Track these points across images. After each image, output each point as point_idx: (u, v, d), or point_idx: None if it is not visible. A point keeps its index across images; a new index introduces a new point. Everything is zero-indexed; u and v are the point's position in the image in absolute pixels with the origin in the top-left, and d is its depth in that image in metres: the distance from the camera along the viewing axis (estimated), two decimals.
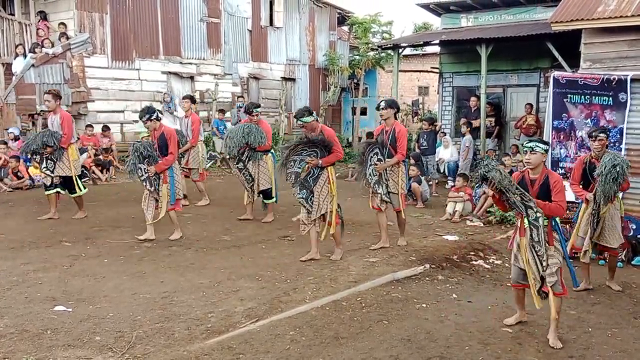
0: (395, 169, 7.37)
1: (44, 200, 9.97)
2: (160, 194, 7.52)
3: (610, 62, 9.48)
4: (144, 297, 5.55)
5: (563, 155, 9.49)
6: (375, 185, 7.32)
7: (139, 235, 7.69)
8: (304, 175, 6.64)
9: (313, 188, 6.68)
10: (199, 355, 4.34)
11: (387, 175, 7.36)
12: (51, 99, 8.54)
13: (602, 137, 6.32)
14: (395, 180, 7.38)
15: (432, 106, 24.18)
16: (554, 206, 4.77)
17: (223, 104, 16.81)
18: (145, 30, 15.37)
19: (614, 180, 6.05)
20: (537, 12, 13.77)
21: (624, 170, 6.09)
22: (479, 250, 7.58)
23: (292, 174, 6.67)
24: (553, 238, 4.85)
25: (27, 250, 7.06)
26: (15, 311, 5.09)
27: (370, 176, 7.31)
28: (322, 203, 6.71)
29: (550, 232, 4.83)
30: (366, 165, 7.33)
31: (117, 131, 14.83)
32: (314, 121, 6.76)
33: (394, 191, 7.38)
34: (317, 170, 6.67)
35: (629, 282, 6.65)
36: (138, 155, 7.42)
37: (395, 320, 5.20)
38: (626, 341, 4.96)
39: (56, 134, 8.47)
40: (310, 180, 6.67)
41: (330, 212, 6.78)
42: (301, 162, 6.63)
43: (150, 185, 7.48)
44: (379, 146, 7.32)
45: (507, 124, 14.52)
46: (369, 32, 20.65)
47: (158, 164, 7.40)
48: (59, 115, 8.59)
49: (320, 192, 6.69)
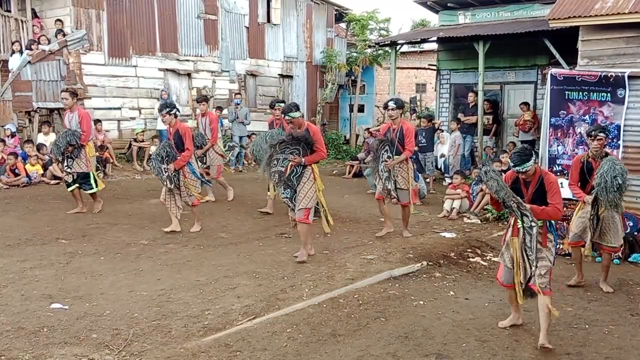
0: (403, 166, 7.68)
1: (41, 197, 9.98)
2: (181, 189, 7.83)
3: (607, 59, 9.48)
4: (140, 294, 5.54)
5: (560, 152, 9.49)
6: (386, 182, 7.61)
7: (165, 228, 7.95)
8: (287, 173, 6.51)
9: (297, 187, 6.57)
10: (195, 353, 4.34)
11: (396, 172, 7.65)
12: (68, 96, 8.74)
13: (602, 137, 6.23)
14: (404, 177, 7.69)
15: (429, 103, 24.15)
16: (551, 210, 4.72)
17: (220, 101, 16.77)
18: (142, 27, 15.31)
19: (618, 190, 6.02)
20: (535, 9, 13.77)
21: (625, 179, 6.04)
22: (476, 248, 7.59)
23: (275, 172, 6.55)
24: (547, 239, 4.81)
25: (23, 248, 7.04)
26: (12, 309, 5.07)
27: (382, 172, 7.62)
28: (305, 198, 6.55)
29: (545, 233, 4.79)
30: (379, 161, 7.63)
31: (114, 128, 14.79)
32: (300, 117, 6.71)
33: (403, 187, 7.70)
34: (300, 169, 6.56)
35: (626, 279, 6.67)
36: (160, 159, 7.69)
37: (393, 317, 5.20)
38: (623, 338, 4.97)
39: (76, 133, 8.64)
40: (293, 179, 6.54)
41: (307, 210, 6.58)
42: (284, 161, 6.51)
43: (171, 183, 7.72)
44: (389, 144, 7.61)
45: (504, 121, 14.52)
46: (366, 29, 20.62)
47: (177, 161, 7.68)
48: (77, 113, 8.75)
49: (302, 189, 6.55)
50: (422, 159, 12.18)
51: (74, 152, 8.68)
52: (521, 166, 4.73)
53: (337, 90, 21.18)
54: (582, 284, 6.37)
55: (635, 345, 4.83)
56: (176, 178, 7.75)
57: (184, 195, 7.90)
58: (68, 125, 8.80)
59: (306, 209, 6.54)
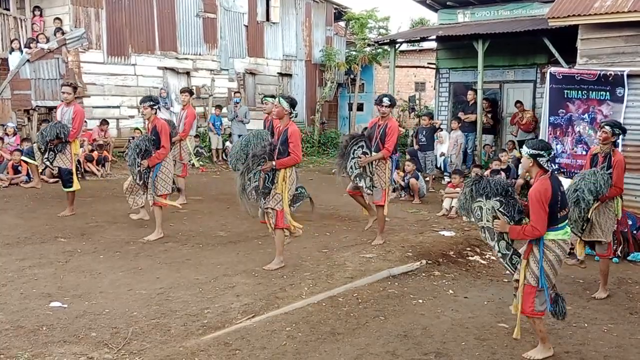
0: (381, 164, 7.24)
1: (40, 196, 9.96)
2: (148, 186, 7.52)
3: (606, 58, 9.48)
4: (140, 293, 5.54)
5: (559, 151, 9.50)
6: (357, 179, 7.21)
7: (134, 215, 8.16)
8: (262, 184, 6.22)
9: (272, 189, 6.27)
10: (195, 351, 4.34)
11: (373, 169, 7.23)
12: (70, 91, 8.65)
13: (606, 130, 6.07)
14: (380, 175, 7.24)
15: (428, 102, 24.15)
16: (528, 229, 4.29)
17: (219, 99, 16.77)
18: (141, 26, 15.30)
19: (575, 204, 5.76)
20: (534, 7, 13.76)
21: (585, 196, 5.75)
22: (475, 246, 7.60)
23: (251, 191, 6.20)
24: (529, 252, 4.41)
25: (22, 246, 7.03)
26: (11, 307, 5.07)
27: (351, 169, 7.18)
28: (269, 200, 6.24)
29: (529, 246, 4.41)
30: (347, 158, 7.17)
31: (113, 127, 14.77)
32: (279, 106, 6.27)
33: (377, 185, 7.26)
34: (271, 174, 6.23)
35: (625, 278, 6.67)
36: (137, 151, 7.39)
37: (392, 316, 5.20)
38: (622, 336, 4.97)
39: (67, 127, 8.50)
40: (268, 184, 6.22)
41: (272, 210, 6.23)
42: (256, 174, 6.20)
43: (140, 179, 7.47)
44: (366, 139, 7.22)
45: (503, 120, 14.52)
46: (365, 28, 20.61)
47: (151, 158, 7.39)
48: (73, 109, 8.59)
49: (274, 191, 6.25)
50: (422, 158, 12.17)
51: (58, 146, 8.48)
52: (523, 147, 4.51)
53: (336, 88, 21.17)
54: (584, 267, 6.31)
55: (634, 343, 4.83)
56: (146, 176, 7.46)
57: (150, 192, 7.53)
58: (59, 118, 8.62)
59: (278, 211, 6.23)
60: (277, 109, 6.30)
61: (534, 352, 4.50)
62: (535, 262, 4.37)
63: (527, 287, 4.41)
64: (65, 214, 8.69)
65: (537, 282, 4.37)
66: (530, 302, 4.40)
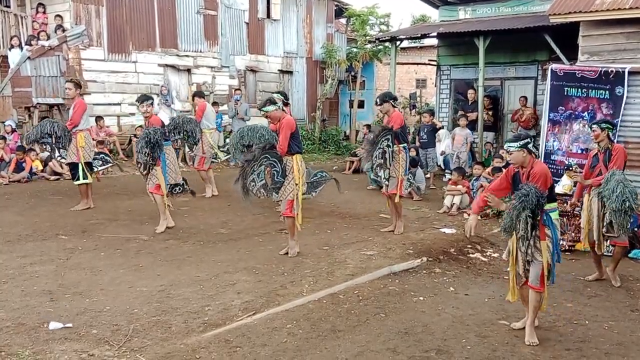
0: (397, 155, 7.64)
1: (41, 193, 9.97)
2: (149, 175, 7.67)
3: (608, 55, 9.47)
4: (140, 290, 5.54)
5: (555, 147, 9.48)
6: (377, 168, 7.61)
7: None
8: (270, 181, 6.36)
9: (284, 182, 6.47)
10: (196, 349, 4.34)
11: (391, 160, 7.62)
12: (72, 87, 8.72)
13: (595, 129, 6.35)
14: (396, 166, 7.66)
15: (429, 99, 24.13)
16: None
17: (220, 96, 16.75)
18: (142, 23, 15.28)
19: (625, 214, 5.92)
20: (535, 4, 13.73)
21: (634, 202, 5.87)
22: (476, 244, 7.59)
23: (259, 190, 6.36)
24: (545, 234, 4.63)
25: (23, 244, 7.04)
26: (12, 304, 5.08)
27: (376, 158, 7.55)
28: (284, 191, 6.49)
29: (542, 227, 4.62)
30: (375, 147, 7.53)
31: (114, 124, 14.78)
32: (276, 110, 6.55)
33: (393, 175, 7.69)
34: (281, 165, 6.41)
35: (626, 275, 6.66)
36: (147, 140, 7.48)
37: (393, 313, 5.20)
38: (623, 334, 4.97)
39: (57, 123, 8.56)
40: (279, 179, 6.41)
41: (290, 201, 6.50)
42: (260, 175, 6.33)
43: (144, 169, 7.62)
44: (392, 133, 7.56)
45: (504, 117, 14.51)
46: (366, 25, 20.57)
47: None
48: (74, 103, 8.71)
49: (288, 181, 6.49)
50: (424, 155, 12.15)
51: (61, 142, 8.53)
52: (507, 144, 4.79)
53: (337, 85, 21.15)
54: (604, 279, 6.43)
55: (635, 341, 4.83)
56: (151, 167, 7.59)
57: (148, 181, 7.69)
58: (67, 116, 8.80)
59: (288, 201, 6.50)
60: (273, 115, 6.58)
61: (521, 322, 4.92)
62: (551, 240, 4.67)
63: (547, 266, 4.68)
64: (77, 208, 8.80)
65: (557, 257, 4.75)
66: (543, 279, 4.69)
